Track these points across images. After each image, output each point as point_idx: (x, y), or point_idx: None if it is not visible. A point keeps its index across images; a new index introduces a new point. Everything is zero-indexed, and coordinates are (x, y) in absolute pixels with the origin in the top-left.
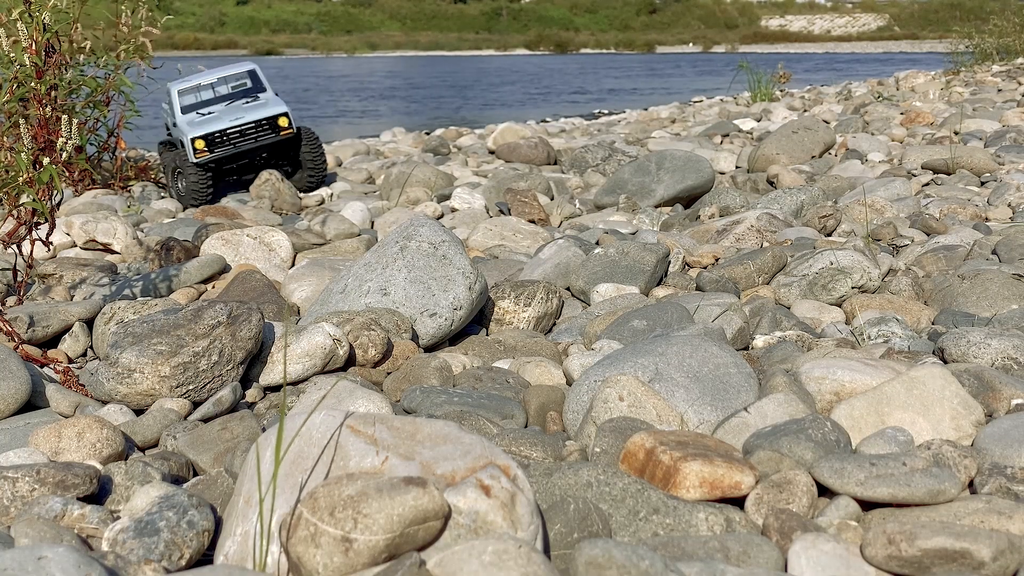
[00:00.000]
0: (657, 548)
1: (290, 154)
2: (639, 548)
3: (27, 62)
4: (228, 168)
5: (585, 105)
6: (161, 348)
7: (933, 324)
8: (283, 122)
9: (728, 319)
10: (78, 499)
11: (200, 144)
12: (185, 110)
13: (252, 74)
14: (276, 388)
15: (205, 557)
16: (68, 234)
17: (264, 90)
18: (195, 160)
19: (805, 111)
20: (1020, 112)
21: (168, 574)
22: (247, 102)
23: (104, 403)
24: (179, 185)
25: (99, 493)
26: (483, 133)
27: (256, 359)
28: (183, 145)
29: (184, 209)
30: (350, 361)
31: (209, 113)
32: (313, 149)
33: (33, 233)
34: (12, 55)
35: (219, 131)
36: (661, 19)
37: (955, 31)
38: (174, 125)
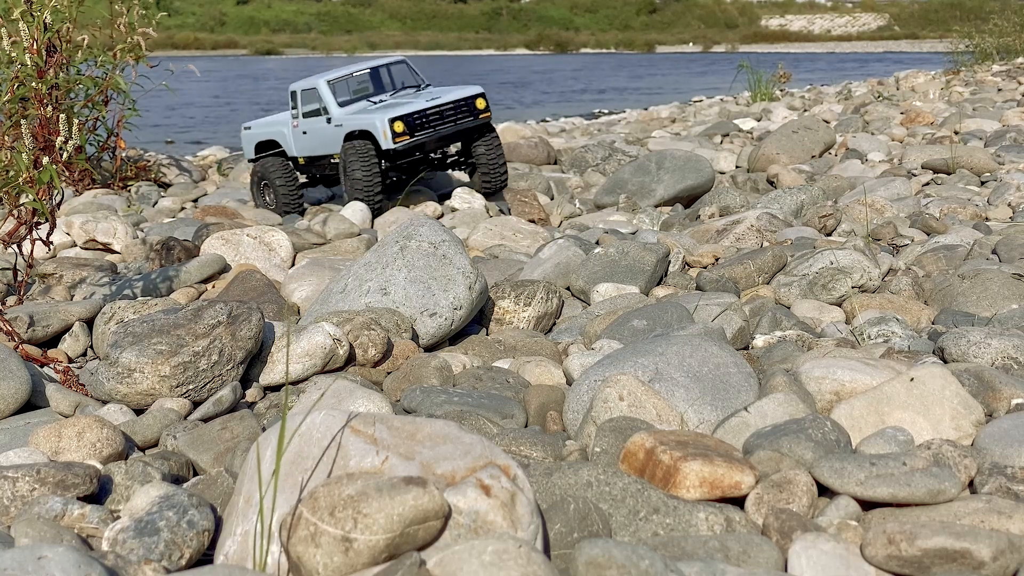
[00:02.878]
0: (657, 548)
1: (470, 152)
2: (639, 548)
3: (28, 62)
4: (400, 165)
5: (585, 105)
6: (161, 348)
7: (933, 324)
8: (480, 104)
9: (728, 319)
10: (78, 499)
11: (400, 127)
12: (342, 104)
13: (405, 65)
14: (276, 388)
15: (205, 557)
16: (68, 234)
17: (424, 81)
18: (393, 146)
19: (805, 111)
20: (1020, 112)
21: (168, 574)
22: (417, 91)
23: (104, 403)
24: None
25: (99, 493)
26: None
27: (256, 359)
28: (355, 136)
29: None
30: (350, 361)
31: (380, 102)
32: (490, 147)
33: (33, 233)
34: (13, 55)
35: (418, 112)
36: (661, 19)
37: (955, 31)
38: (328, 121)
